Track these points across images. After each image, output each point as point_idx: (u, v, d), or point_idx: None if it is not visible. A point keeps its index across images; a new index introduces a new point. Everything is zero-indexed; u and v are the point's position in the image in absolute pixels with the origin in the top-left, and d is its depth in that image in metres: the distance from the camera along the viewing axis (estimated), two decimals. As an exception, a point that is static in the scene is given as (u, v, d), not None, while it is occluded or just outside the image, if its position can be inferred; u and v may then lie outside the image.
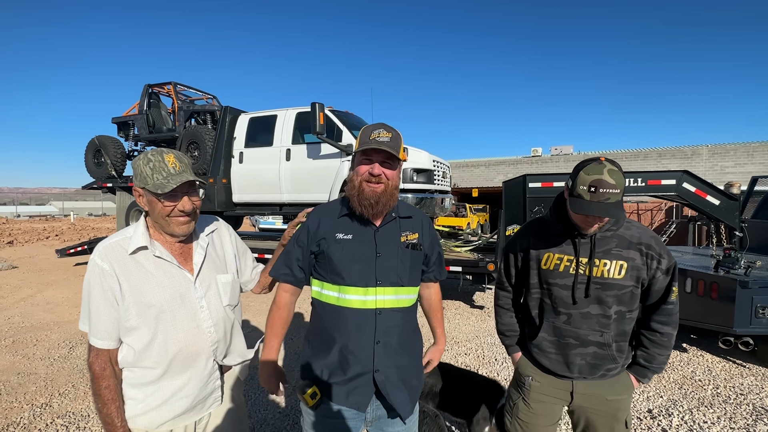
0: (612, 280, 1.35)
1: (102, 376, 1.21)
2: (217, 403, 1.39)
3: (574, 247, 1.38)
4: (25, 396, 3.27)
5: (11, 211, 37.19)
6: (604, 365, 1.41)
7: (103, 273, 1.21)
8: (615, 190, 1.21)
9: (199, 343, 1.31)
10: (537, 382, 1.51)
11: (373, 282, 1.30)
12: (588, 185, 1.22)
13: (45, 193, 79.01)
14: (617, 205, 1.22)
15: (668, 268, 1.36)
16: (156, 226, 1.31)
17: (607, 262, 1.35)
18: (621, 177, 1.23)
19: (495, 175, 22.34)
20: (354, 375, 1.29)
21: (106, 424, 1.21)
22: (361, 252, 1.32)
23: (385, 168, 1.31)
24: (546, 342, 1.46)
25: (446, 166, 7.07)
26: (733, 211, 4.58)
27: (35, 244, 15.12)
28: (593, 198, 1.22)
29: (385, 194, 1.31)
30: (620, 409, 1.46)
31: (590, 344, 1.40)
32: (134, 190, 1.28)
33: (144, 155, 1.26)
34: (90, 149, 8.52)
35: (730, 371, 3.84)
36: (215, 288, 1.38)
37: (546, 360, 1.47)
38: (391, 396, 1.30)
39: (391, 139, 1.30)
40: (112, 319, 1.22)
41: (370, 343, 1.29)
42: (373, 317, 1.30)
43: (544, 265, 1.44)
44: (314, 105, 5.79)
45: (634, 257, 1.35)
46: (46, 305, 6.26)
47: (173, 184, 1.24)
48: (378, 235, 1.36)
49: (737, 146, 18.05)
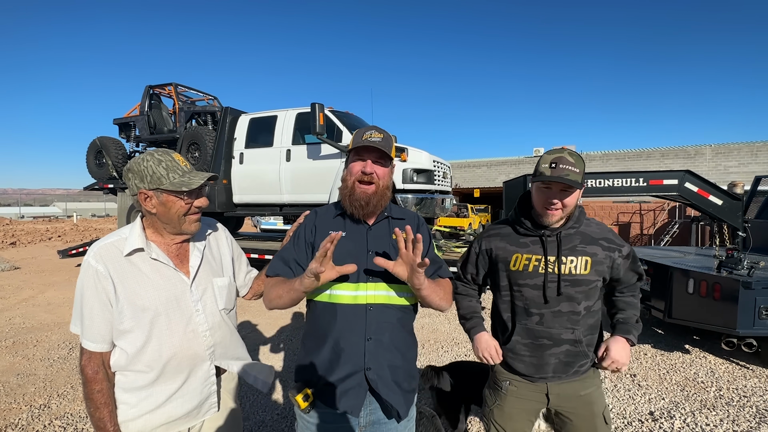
0: (580, 276, 1.40)
1: (95, 380, 1.19)
2: (213, 410, 1.37)
3: (542, 246, 1.42)
4: (24, 397, 3.27)
5: (15, 212, 37.42)
6: (576, 362, 1.44)
7: (98, 274, 1.18)
8: (574, 169, 1.31)
9: (194, 348, 1.29)
10: (514, 387, 1.52)
11: (363, 278, 1.31)
12: (549, 162, 1.34)
13: (49, 194, 79.48)
14: (575, 182, 1.30)
15: (627, 254, 1.47)
16: (157, 227, 1.28)
17: (573, 259, 1.40)
18: (581, 161, 1.35)
19: (497, 175, 22.29)
20: (346, 374, 1.27)
21: (98, 428, 1.19)
22: (353, 249, 1.33)
23: (377, 166, 1.34)
24: (520, 345, 1.46)
25: (447, 166, 7.05)
26: (736, 211, 4.53)
27: (38, 245, 15.19)
28: (553, 173, 1.32)
29: (376, 195, 1.34)
30: (594, 402, 1.47)
31: (563, 342, 1.43)
32: (141, 193, 1.22)
33: (149, 157, 1.23)
34: (91, 150, 8.55)
35: (733, 373, 3.80)
36: (211, 291, 1.36)
37: (521, 364, 1.47)
38: (383, 396, 1.28)
39: (383, 140, 1.33)
40: (105, 321, 1.20)
41: (361, 339, 1.28)
42: (364, 313, 1.29)
43: (513, 266, 1.46)
44: (314, 105, 5.79)
45: (597, 252, 1.42)
46: (47, 306, 6.28)
47: (199, 179, 1.24)
48: (370, 233, 1.38)
49: (741, 146, 17.94)
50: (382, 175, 1.35)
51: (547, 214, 1.38)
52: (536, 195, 1.41)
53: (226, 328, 1.40)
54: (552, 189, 1.36)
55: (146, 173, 1.21)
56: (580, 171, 1.33)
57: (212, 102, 8.71)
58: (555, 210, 1.37)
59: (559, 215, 1.39)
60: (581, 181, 1.34)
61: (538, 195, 1.40)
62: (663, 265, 4.44)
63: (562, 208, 1.37)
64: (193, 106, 8.32)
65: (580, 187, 1.35)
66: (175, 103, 8.14)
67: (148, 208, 1.24)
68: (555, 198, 1.35)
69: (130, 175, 1.23)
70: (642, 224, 15.28)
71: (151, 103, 8.37)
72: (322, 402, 1.29)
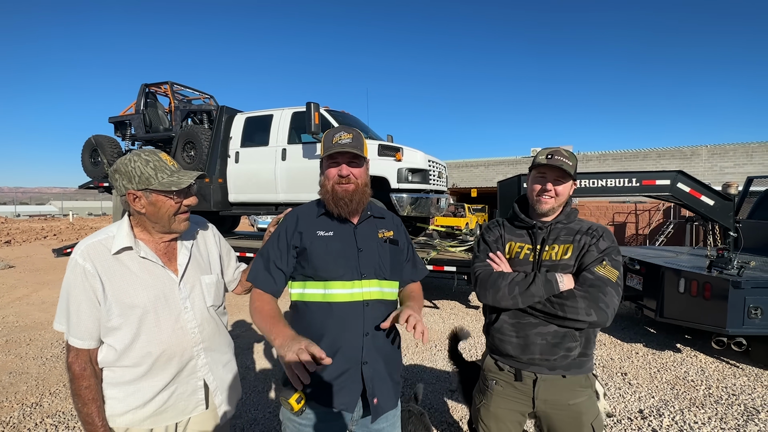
0: (561, 261, 1.46)
1: (82, 377, 1.20)
2: (201, 407, 1.37)
3: (531, 237, 1.54)
4: (15, 395, 3.27)
5: (11, 210, 37.20)
6: (564, 343, 1.42)
7: (86, 273, 1.19)
8: (568, 162, 1.44)
9: (182, 344, 1.30)
10: (500, 387, 1.54)
11: (357, 275, 1.34)
12: (545, 155, 1.47)
13: (45, 192, 79.00)
14: (568, 172, 1.43)
15: (604, 249, 1.43)
16: (145, 226, 1.29)
17: (555, 246, 1.49)
18: (574, 157, 1.48)
19: (494, 175, 22.32)
20: (342, 371, 1.28)
21: (87, 423, 1.20)
22: (343, 248, 1.36)
23: (352, 168, 1.37)
24: (507, 325, 1.49)
25: (442, 165, 7.07)
26: (728, 212, 4.57)
27: (33, 244, 15.12)
28: (549, 161, 1.44)
29: (357, 192, 1.37)
30: (583, 412, 1.47)
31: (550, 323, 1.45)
32: (129, 193, 1.22)
33: (136, 158, 1.22)
34: (87, 149, 8.51)
35: (723, 371, 3.84)
36: (199, 289, 1.38)
37: (508, 345, 1.49)
38: (376, 389, 1.31)
39: (353, 140, 1.35)
40: (93, 319, 1.20)
41: (358, 335, 1.30)
42: (362, 309, 1.32)
43: (507, 253, 1.56)
44: (309, 105, 5.79)
45: (578, 239, 1.48)
46: (41, 305, 6.27)
47: (188, 179, 1.25)
48: (357, 231, 1.41)
49: (736, 147, 18.04)
50: (359, 174, 1.38)
51: (540, 201, 1.48)
52: (531, 184, 1.52)
53: (214, 324, 1.41)
54: (546, 177, 1.47)
55: (134, 174, 1.21)
56: (573, 165, 1.46)
57: (208, 101, 8.68)
58: (548, 197, 1.46)
59: (551, 204, 1.47)
60: (573, 174, 1.46)
61: (533, 183, 1.52)
62: (655, 265, 4.47)
63: (554, 197, 1.46)
64: (189, 104, 8.28)
65: (573, 178, 1.47)
66: (171, 101, 8.11)
67: (137, 208, 1.24)
68: (549, 183, 1.45)
69: (117, 176, 1.23)
70: (637, 224, 15.35)
71: (147, 101, 8.34)
72: (317, 402, 1.28)
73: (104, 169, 8.32)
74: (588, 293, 1.35)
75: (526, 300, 1.40)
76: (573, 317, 1.34)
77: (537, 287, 1.39)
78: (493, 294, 1.45)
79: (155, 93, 8.52)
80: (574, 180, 1.49)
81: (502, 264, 1.51)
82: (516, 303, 1.42)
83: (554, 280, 1.39)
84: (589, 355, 1.48)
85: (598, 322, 1.35)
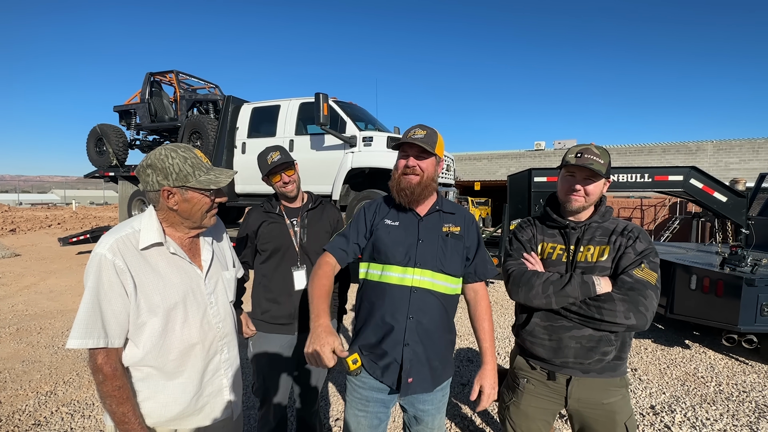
0: (598, 263, 1.43)
1: (114, 377, 1.16)
2: (223, 404, 1.35)
3: (564, 237, 1.51)
4: (30, 384, 3.29)
5: (13, 198, 37.27)
6: (599, 348, 1.39)
7: (117, 269, 1.15)
8: (599, 159, 1.39)
9: (209, 339, 1.30)
10: (531, 385, 1.52)
11: (412, 263, 1.45)
12: (575, 153, 1.43)
13: (47, 181, 79.06)
14: (599, 170, 1.37)
15: (642, 251, 1.39)
16: (172, 222, 1.27)
17: (591, 247, 1.46)
18: (606, 154, 1.42)
19: (497, 168, 22.23)
20: (388, 348, 1.42)
21: (122, 423, 1.17)
22: (405, 237, 1.49)
23: (419, 161, 1.47)
24: (539, 328, 1.47)
25: (450, 158, 7.02)
26: (741, 209, 4.53)
27: (38, 232, 15.17)
28: (578, 161, 1.40)
29: (420, 185, 1.47)
30: (617, 411, 1.45)
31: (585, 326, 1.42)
32: (164, 190, 1.20)
33: (174, 154, 1.20)
34: (92, 138, 8.48)
35: (732, 368, 3.85)
36: (222, 284, 1.38)
37: (540, 348, 1.47)
38: (413, 370, 1.42)
39: (425, 136, 1.46)
40: (125, 315, 1.18)
41: (403, 317, 1.43)
42: (408, 294, 1.44)
43: (540, 254, 1.55)
44: (318, 95, 5.72)
45: (614, 240, 1.45)
46: (49, 293, 6.29)
47: (226, 177, 1.26)
48: (422, 223, 1.52)
49: (742, 142, 17.89)
50: (425, 167, 1.48)
51: (570, 200, 1.45)
52: (561, 183, 1.49)
53: (231, 319, 1.42)
54: (576, 176, 1.43)
55: (172, 170, 1.19)
56: (604, 162, 1.40)
57: (213, 90, 8.61)
58: (578, 196, 1.43)
59: (581, 203, 1.44)
60: (605, 172, 1.41)
61: (562, 183, 1.48)
62: (666, 261, 4.46)
63: (584, 196, 1.43)
64: (195, 94, 8.22)
65: (604, 177, 1.42)
66: (176, 90, 8.05)
67: (170, 204, 1.22)
68: (578, 184, 1.42)
69: (150, 171, 1.19)
70: (642, 219, 15.31)
71: (152, 90, 8.28)
72: (367, 371, 1.46)
73: (110, 158, 8.29)
74: (627, 296, 1.32)
75: (560, 301, 1.38)
76: (611, 320, 1.32)
77: (573, 288, 1.36)
78: (526, 292, 1.43)
79: (160, 82, 8.46)
80: (607, 178, 1.44)
81: (536, 264, 1.49)
82: (549, 303, 1.39)
83: (591, 282, 1.36)
84: (624, 358, 1.46)
85: (637, 326, 1.32)
